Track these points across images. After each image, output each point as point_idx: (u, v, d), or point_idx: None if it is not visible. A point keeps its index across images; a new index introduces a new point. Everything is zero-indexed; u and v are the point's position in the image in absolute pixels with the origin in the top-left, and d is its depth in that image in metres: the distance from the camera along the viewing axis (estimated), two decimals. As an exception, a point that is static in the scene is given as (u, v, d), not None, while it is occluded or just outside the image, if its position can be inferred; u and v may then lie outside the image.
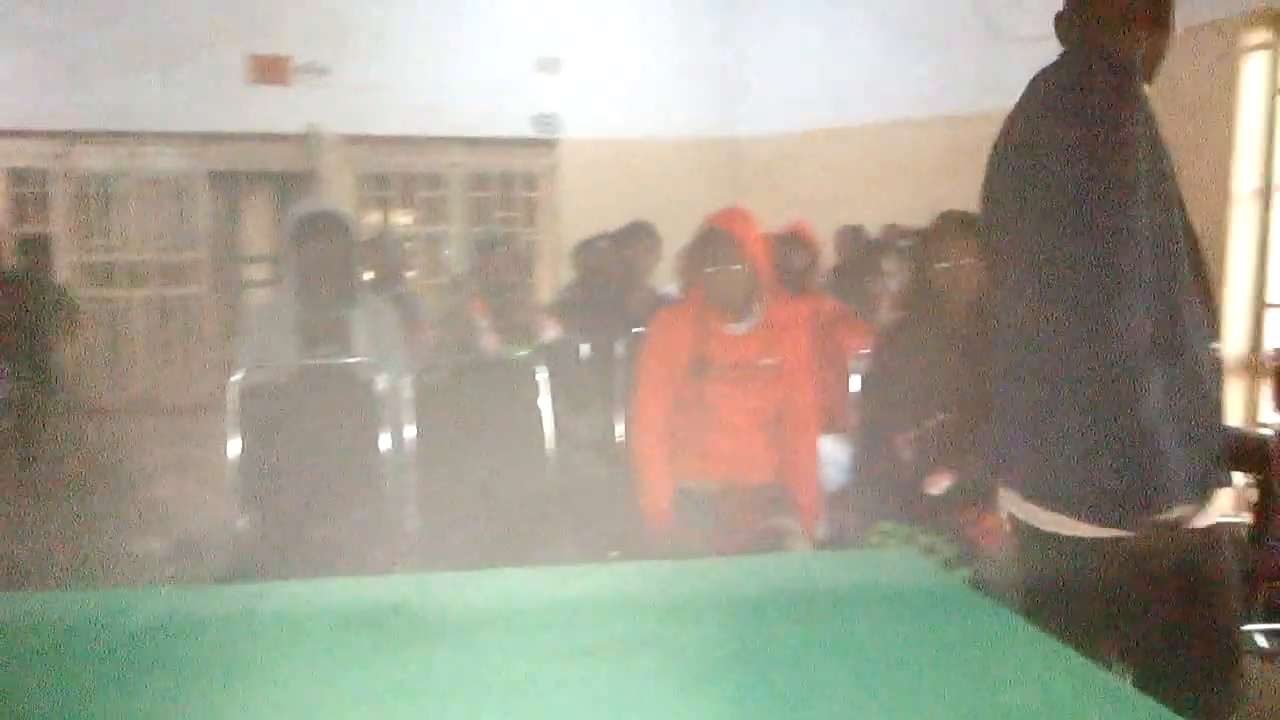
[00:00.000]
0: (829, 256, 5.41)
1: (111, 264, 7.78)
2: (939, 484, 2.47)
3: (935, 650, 1.32)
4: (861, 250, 4.42)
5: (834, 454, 3.08)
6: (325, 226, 2.93)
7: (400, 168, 8.05)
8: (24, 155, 7.48)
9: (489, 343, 3.30)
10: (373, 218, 8.35)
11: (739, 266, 2.69)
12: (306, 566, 2.43)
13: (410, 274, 6.38)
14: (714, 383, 2.74)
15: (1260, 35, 5.04)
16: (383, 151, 7.83)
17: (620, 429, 3.23)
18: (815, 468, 2.81)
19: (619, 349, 3.44)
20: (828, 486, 2.96)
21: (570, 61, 7.76)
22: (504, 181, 8.21)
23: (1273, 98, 5.06)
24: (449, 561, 2.35)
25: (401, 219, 8.62)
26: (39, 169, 7.55)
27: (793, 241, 4.12)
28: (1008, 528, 1.82)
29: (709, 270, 2.73)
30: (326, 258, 2.91)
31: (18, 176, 7.58)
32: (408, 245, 7.78)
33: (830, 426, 3.08)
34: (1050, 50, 1.63)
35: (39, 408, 5.43)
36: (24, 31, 6.97)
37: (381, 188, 8.20)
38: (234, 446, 2.77)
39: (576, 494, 2.87)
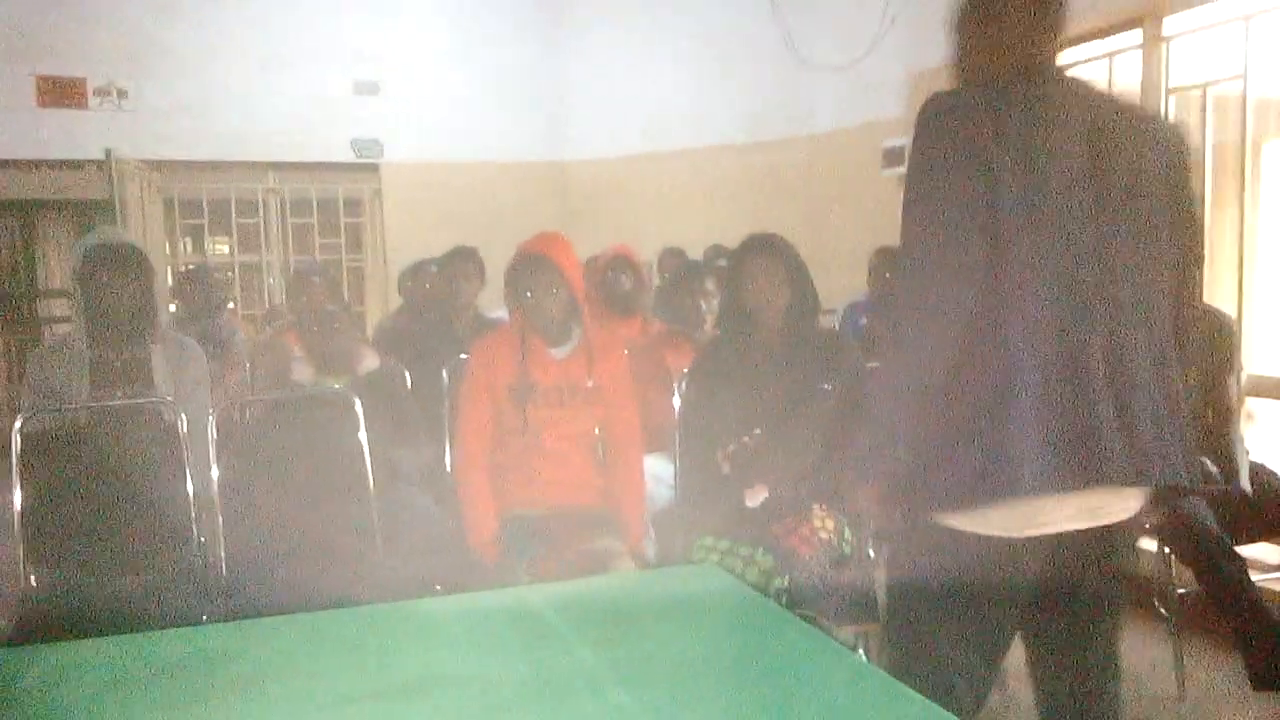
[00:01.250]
0: (654, 278, 5.50)
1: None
2: (755, 497, 2.55)
3: (731, 663, 1.36)
4: (684, 271, 4.51)
5: (659, 473, 3.13)
6: (116, 259, 2.77)
7: (213, 194, 7.66)
8: None
9: (303, 375, 3.17)
10: (185, 246, 7.93)
11: (556, 290, 2.71)
12: (105, 623, 2.26)
13: (228, 305, 6.08)
14: (537, 407, 2.73)
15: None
16: (192, 177, 7.45)
17: (450, 458, 3.16)
18: (639, 488, 2.84)
19: (445, 376, 3.38)
20: (654, 505, 3.00)
21: (389, 84, 7.61)
22: (325, 207, 7.95)
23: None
24: (262, 608, 2.24)
25: (219, 247, 8.22)
26: None
27: (618, 264, 4.18)
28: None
29: (526, 295, 2.74)
30: (119, 292, 2.75)
31: None
32: (225, 275, 7.44)
33: (655, 446, 3.12)
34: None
35: None
36: None
37: (193, 215, 7.78)
38: (18, 498, 2.56)
39: (400, 528, 2.79)
